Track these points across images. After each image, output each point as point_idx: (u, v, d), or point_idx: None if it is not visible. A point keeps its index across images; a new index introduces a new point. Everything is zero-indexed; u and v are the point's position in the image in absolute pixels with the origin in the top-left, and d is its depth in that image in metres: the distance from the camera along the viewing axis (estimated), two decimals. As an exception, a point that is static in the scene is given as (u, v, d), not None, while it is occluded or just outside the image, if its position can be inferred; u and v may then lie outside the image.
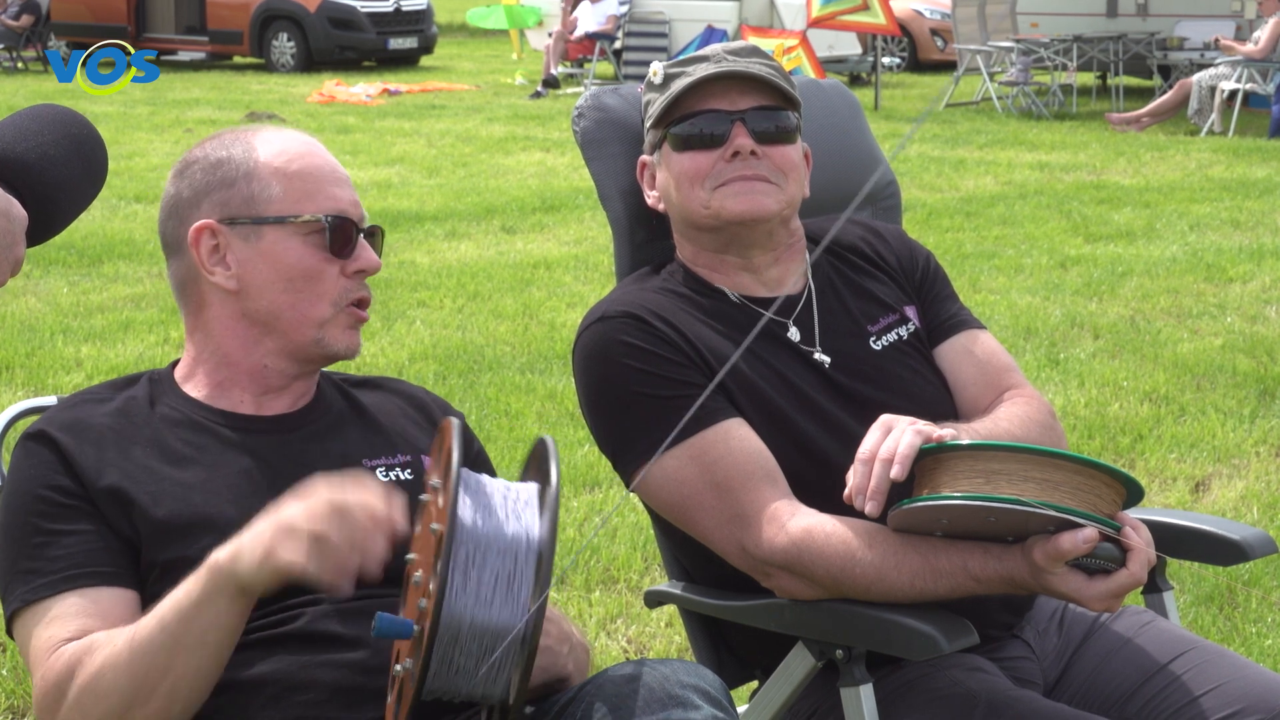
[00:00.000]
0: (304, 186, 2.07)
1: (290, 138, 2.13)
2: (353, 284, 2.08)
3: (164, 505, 1.95)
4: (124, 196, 10.53)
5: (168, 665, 1.79)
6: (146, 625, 1.81)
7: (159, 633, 1.79)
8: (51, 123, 1.68)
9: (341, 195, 2.09)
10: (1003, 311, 7.24)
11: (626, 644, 3.88)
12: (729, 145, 2.31)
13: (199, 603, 1.77)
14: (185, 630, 1.78)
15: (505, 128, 15.02)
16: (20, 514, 1.95)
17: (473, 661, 1.68)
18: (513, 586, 1.69)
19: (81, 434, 1.99)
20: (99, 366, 6.28)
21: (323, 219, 2.06)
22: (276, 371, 2.09)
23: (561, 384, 5.97)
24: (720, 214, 2.32)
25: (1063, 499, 1.94)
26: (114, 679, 1.80)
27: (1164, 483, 5.03)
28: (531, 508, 1.75)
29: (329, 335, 2.06)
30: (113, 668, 1.80)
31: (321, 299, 2.06)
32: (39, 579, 1.90)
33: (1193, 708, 2.20)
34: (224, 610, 1.77)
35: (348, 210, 2.08)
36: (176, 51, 22.95)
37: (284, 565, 1.71)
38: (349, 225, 2.07)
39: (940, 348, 2.44)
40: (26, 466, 1.98)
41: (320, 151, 2.13)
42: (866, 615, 2.10)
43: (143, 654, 1.79)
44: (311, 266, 2.05)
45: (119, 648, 1.81)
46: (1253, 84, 14.59)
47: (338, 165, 2.13)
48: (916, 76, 21.21)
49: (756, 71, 2.34)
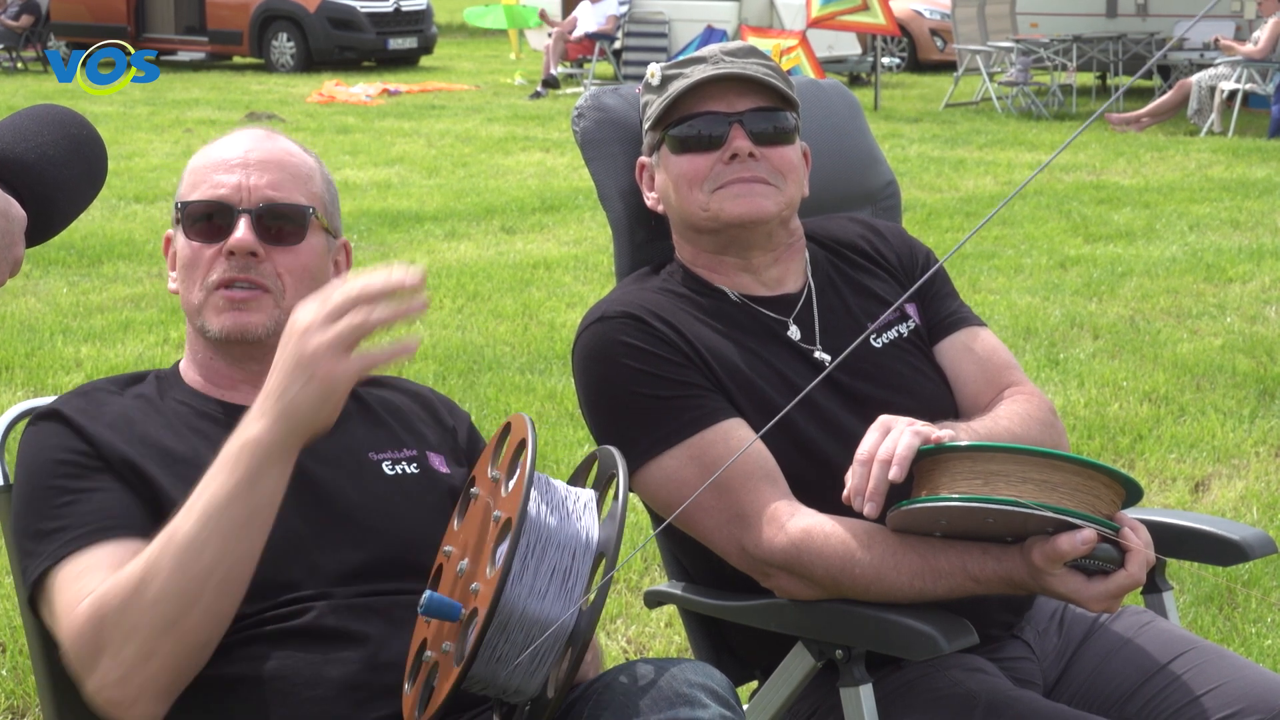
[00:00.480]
0: (193, 179, 2.11)
1: (234, 135, 2.15)
2: (222, 265, 2.05)
3: (178, 490, 1.93)
4: (124, 197, 10.53)
5: (220, 554, 1.77)
6: (183, 526, 1.78)
7: (203, 528, 1.76)
8: (51, 123, 1.68)
9: (224, 180, 2.07)
10: (1002, 311, 7.24)
11: (626, 644, 3.88)
12: (727, 147, 2.31)
13: (247, 483, 1.77)
14: (235, 515, 1.77)
15: (505, 128, 15.02)
16: (41, 479, 1.94)
17: (515, 651, 1.68)
18: (567, 582, 1.70)
19: (93, 414, 2.00)
20: (99, 366, 6.28)
21: (176, 205, 2.09)
22: (222, 364, 2.10)
23: (561, 384, 5.97)
24: (719, 216, 2.32)
25: (1061, 500, 1.94)
26: (161, 586, 1.76)
27: (1164, 483, 5.03)
28: (591, 511, 1.76)
29: (205, 319, 2.07)
30: (154, 575, 1.76)
31: (198, 284, 2.07)
32: (69, 534, 1.88)
33: (1192, 708, 2.20)
34: (278, 477, 1.79)
35: (225, 195, 2.06)
36: (176, 52, 22.95)
37: (350, 381, 1.74)
38: (216, 207, 2.06)
39: (940, 345, 2.44)
40: (40, 439, 1.97)
41: (236, 145, 2.12)
42: (866, 615, 2.10)
43: (190, 552, 1.76)
44: (186, 254, 2.08)
45: (154, 556, 1.77)
46: (1252, 84, 14.59)
47: (254, 152, 2.10)
48: (916, 77, 21.21)
49: (754, 73, 2.33)
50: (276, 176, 2.08)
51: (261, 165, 2.08)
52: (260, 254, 2.05)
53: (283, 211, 2.08)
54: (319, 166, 2.17)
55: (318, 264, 2.11)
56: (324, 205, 2.13)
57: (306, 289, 2.07)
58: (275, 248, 2.06)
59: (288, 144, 2.15)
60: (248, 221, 2.04)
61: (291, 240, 2.08)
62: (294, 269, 2.07)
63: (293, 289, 2.07)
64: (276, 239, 2.07)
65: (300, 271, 2.08)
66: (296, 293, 2.05)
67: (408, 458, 2.12)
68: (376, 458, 2.10)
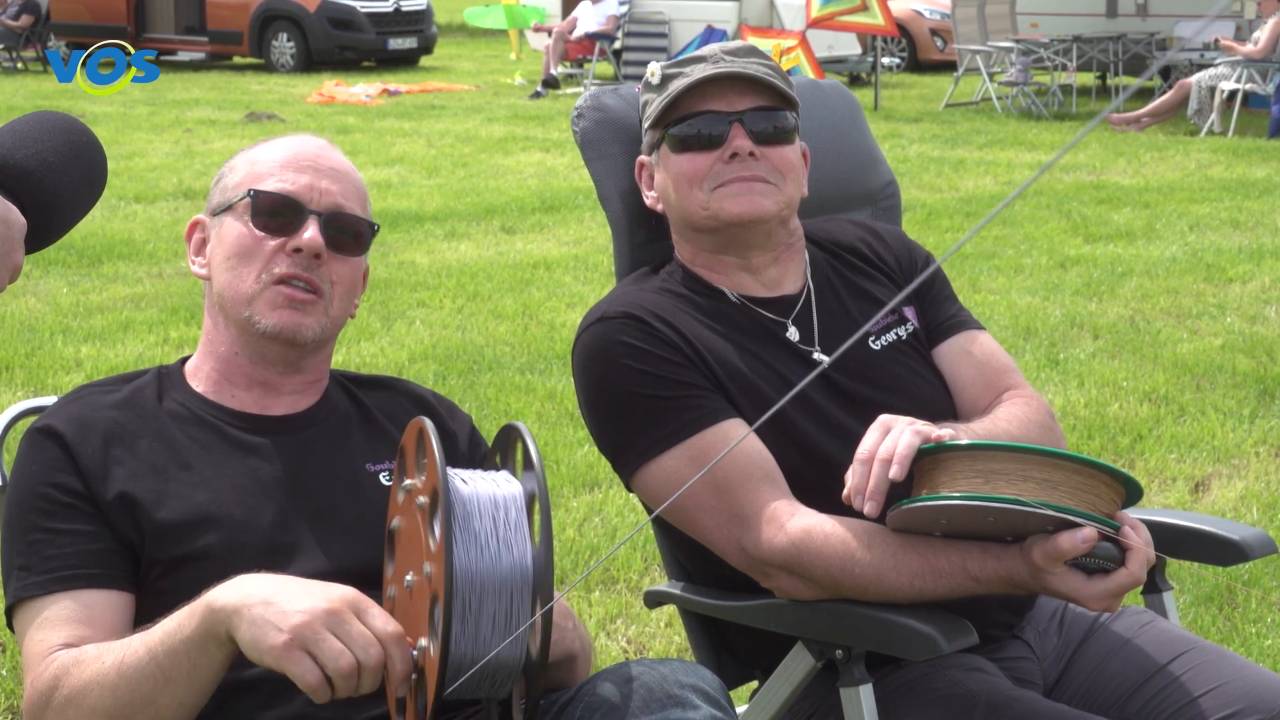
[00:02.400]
0: (257, 171, 2.10)
1: (293, 138, 2.15)
2: (285, 261, 2.05)
3: (168, 505, 1.96)
4: (124, 197, 10.53)
5: (153, 695, 1.78)
6: (136, 652, 1.80)
7: (148, 662, 1.78)
8: (52, 130, 1.68)
9: (295, 179, 2.08)
10: (1002, 312, 7.24)
11: (626, 644, 3.88)
12: (727, 146, 2.31)
13: (191, 641, 1.76)
14: (174, 664, 1.77)
15: (505, 128, 15.02)
16: (21, 510, 1.96)
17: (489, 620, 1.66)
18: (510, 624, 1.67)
19: (88, 427, 2.00)
20: (99, 367, 6.28)
21: (248, 193, 2.07)
22: (244, 361, 2.09)
23: (561, 384, 5.96)
24: (719, 215, 2.32)
25: (1061, 499, 1.94)
26: (99, 698, 1.80)
27: (1164, 483, 5.03)
28: (523, 529, 1.72)
29: (256, 311, 2.05)
30: (99, 687, 1.80)
31: (250, 275, 2.06)
32: (31, 576, 1.92)
33: (1192, 708, 2.20)
34: (215, 654, 1.76)
35: (297, 192, 2.06)
36: (176, 52, 22.95)
37: (285, 670, 1.69)
38: (288, 202, 2.06)
39: (939, 348, 2.44)
40: (31, 462, 1.99)
41: (306, 146, 2.12)
42: (866, 615, 2.10)
43: (129, 680, 1.79)
44: (244, 243, 2.06)
45: (107, 668, 1.81)
46: (1252, 84, 14.59)
47: (323, 159, 2.11)
48: (916, 77, 21.21)
49: (754, 72, 2.33)
50: (345, 187, 2.11)
51: (333, 173, 2.10)
52: (324, 258, 2.06)
53: (349, 223, 2.10)
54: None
55: (359, 281, 2.15)
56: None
57: (349, 301, 2.12)
58: (335, 256, 2.08)
59: (345, 158, 2.17)
60: (317, 223, 2.06)
61: (351, 251, 2.10)
62: (345, 280, 2.10)
63: (340, 298, 2.09)
64: (338, 247, 2.08)
65: (350, 283, 2.11)
66: (342, 303, 2.10)
67: None
68: (374, 469, 2.11)
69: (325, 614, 1.68)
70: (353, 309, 2.16)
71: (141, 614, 1.93)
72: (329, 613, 1.69)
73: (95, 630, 1.88)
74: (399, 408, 2.20)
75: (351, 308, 2.15)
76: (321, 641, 1.67)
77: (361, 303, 2.22)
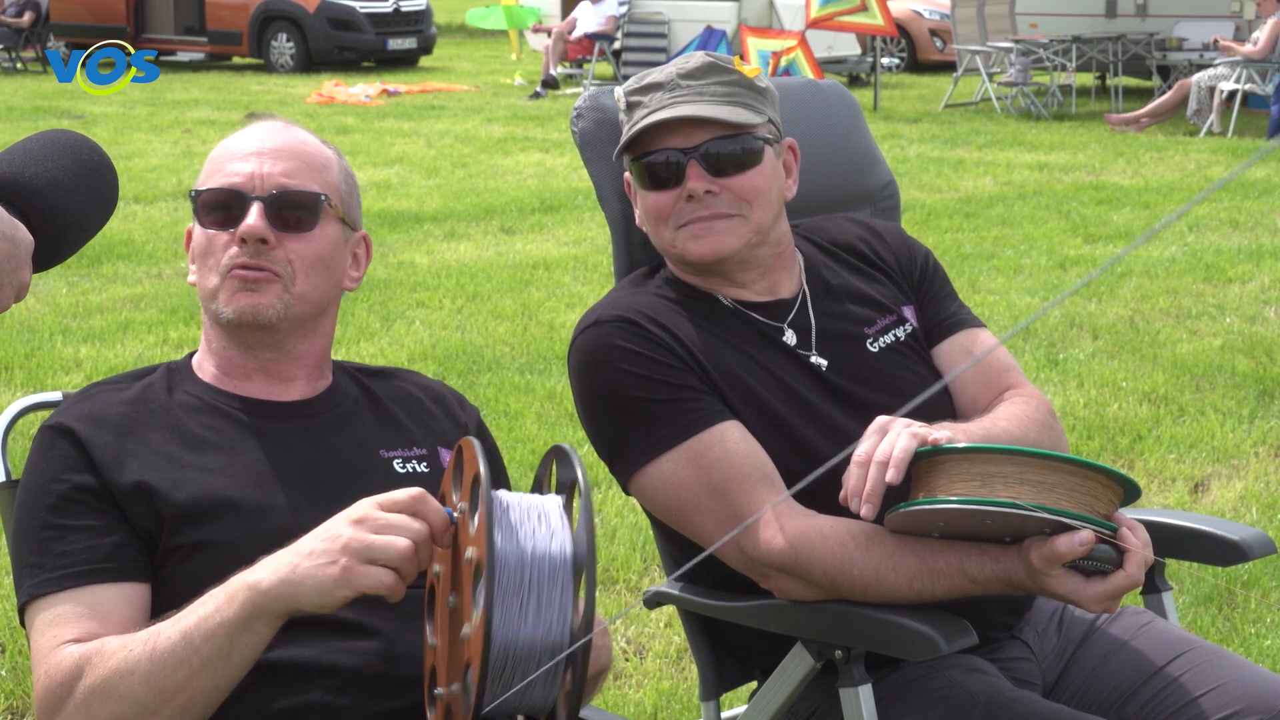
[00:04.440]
0: (209, 169, 2.12)
1: (252, 126, 2.15)
2: (234, 251, 2.06)
3: (185, 490, 1.96)
4: (123, 197, 10.46)
5: (187, 679, 1.78)
6: (170, 637, 1.79)
7: (183, 647, 1.78)
8: (63, 149, 1.69)
9: (239, 169, 2.08)
10: (1002, 312, 7.24)
11: (626, 644, 3.88)
12: (683, 187, 2.30)
13: (233, 623, 1.76)
14: (212, 648, 1.77)
15: (504, 128, 15.02)
16: (32, 507, 1.96)
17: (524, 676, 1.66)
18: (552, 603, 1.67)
19: (100, 423, 2.00)
20: (98, 367, 6.28)
21: (191, 193, 2.10)
22: (236, 353, 2.10)
23: (560, 385, 5.97)
24: (684, 256, 2.32)
25: (1059, 501, 1.93)
26: (130, 686, 1.79)
27: (1163, 483, 5.03)
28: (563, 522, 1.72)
29: (220, 304, 2.06)
30: (129, 674, 1.79)
31: (213, 270, 2.07)
32: (43, 574, 1.91)
33: (1192, 708, 2.20)
34: (262, 633, 1.77)
35: (239, 183, 2.06)
36: (176, 52, 22.95)
37: (361, 590, 1.70)
38: (229, 194, 2.06)
39: (939, 347, 2.44)
40: (43, 460, 1.99)
41: (253, 134, 2.12)
42: (865, 616, 2.10)
43: (163, 665, 1.78)
44: (201, 243, 2.09)
45: (137, 656, 1.80)
46: (1252, 84, 14.59)
47: (269, 141, 2.10)
48: (915, 77, 21.21)
49: (703, 113, 2.28)
50: (291, 165, 2.09)
51: (276, 154, 2.09)
52: (271, 241, 2.05)
53: (295, 199, 2.07)
54: (338, 158, 2.18)
55: (331, 253, 2.11)
56: (340, 195, 2.13)
57: (319, 277, 2.09)
58: (287, 235, 2.06)
59: (305, 135, 2.16)
60: (259, 208, 2.05)
61: (304, 227, 2.08)
62: (305, 255, 2.07)
63: (303, 275, 2.07)
64: (288, 226, 2.07)
65: (312, 259, 2.08)
66: (308, 279, 2.07)
67: (418, 456, 2.12)
68: (388, 455, 2.11)
69: (354, 524, 1.72)
70: (347, 283, 2.14)
71: (159, 601, 1.92)
72: (355, 521, 1.72)
73: (107, 626, 1.87)
74: (409, 396, 2.21)
75: (335, 284, 2.13)
76: (371, 545, 1.70)
77: (361, 303, 2.21)
